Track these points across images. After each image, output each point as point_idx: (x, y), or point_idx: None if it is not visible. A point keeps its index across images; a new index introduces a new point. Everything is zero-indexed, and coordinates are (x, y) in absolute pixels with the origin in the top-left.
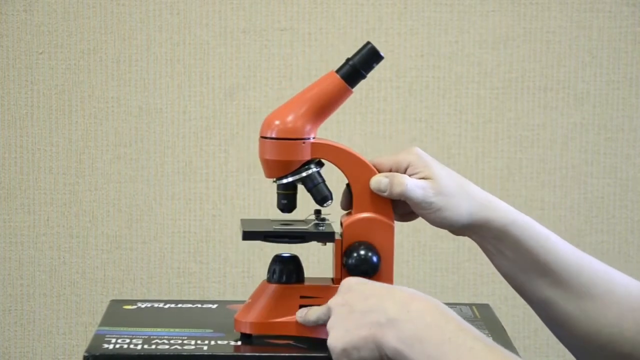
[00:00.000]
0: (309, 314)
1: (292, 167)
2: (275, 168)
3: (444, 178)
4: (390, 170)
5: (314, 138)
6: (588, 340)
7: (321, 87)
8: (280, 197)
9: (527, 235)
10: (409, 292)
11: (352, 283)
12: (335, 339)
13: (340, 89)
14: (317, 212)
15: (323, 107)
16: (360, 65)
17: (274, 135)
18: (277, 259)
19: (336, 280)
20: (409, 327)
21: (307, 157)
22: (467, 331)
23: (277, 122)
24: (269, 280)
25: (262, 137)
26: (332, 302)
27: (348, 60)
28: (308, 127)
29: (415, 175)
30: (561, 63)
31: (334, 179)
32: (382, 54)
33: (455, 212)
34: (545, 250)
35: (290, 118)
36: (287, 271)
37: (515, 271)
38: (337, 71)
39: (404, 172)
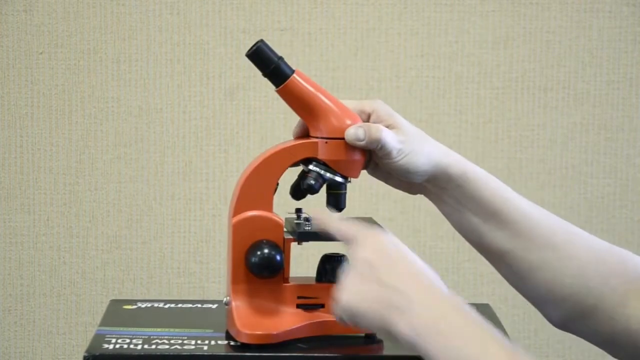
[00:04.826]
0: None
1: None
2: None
3: (407, 127)
4: None
5: None
6: (551, 291)
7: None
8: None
9: (484, 185)
10: (435, 280)
11: (384, 241)
12: (346, 296)
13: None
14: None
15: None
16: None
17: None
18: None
19: None
20: (426, 315)
21: None
22: (486, 329)
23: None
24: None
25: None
26: (356, 252)
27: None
28: None
29: (380, 124)
30: (561, 63)
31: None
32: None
33: (419, 159)
34: (504, 200)
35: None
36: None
37: (475, 224)
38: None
39: (368, 120)
